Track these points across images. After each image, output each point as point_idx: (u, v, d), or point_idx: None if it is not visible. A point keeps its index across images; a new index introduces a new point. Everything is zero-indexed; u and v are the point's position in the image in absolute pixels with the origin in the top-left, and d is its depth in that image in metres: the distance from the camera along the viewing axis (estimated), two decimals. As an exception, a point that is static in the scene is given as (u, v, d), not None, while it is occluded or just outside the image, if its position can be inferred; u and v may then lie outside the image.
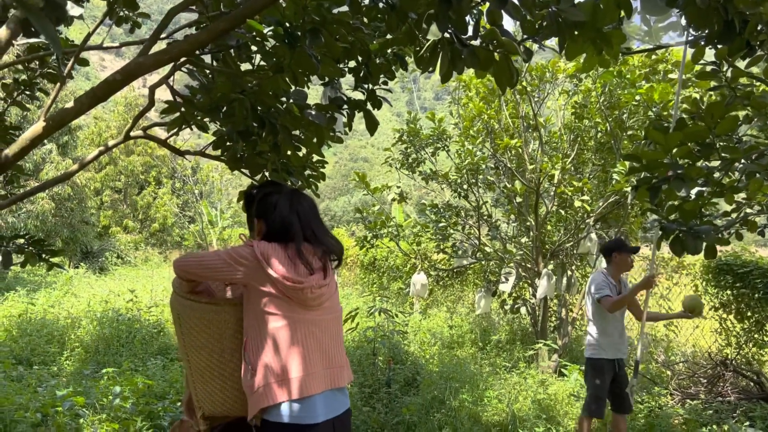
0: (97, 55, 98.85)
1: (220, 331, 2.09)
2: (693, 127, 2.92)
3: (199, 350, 2.13)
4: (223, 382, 2.16)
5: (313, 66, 2.41)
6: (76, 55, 2.81)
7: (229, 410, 2.22)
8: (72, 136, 20.94)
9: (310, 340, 2.14)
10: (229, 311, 2.08)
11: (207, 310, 2.08)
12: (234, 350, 2.12)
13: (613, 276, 4.76)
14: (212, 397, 2.19)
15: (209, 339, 2.10)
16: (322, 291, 2.18)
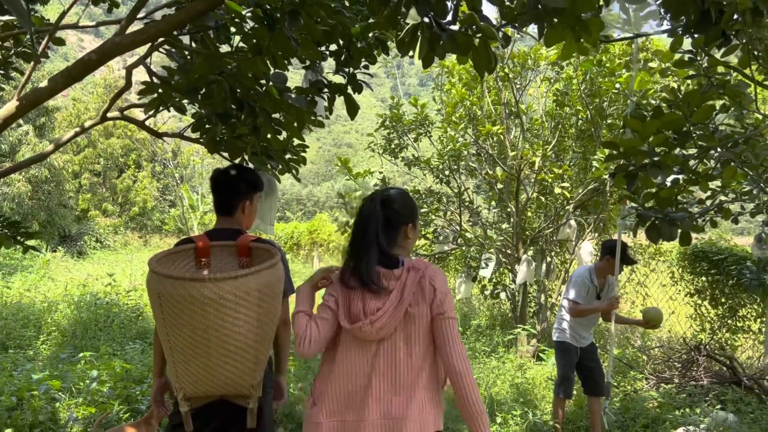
0: (76, 36, 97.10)
1: (203, 308, 2.03)
2: (670, 116, 2.96)
3: (182, 328, 2.08)
4: (207, 360, 2.11)
5: (292, 48, 2.40)
6: (51, 34, 2.76)
7: (210, 389, 2.19)
8: (49, 118, 20.62)
9: None
10: (212, 287, 2.03)
11: (189, 286, 2.04)
12: (219, 328, 2.07)
13: (600, 273, 4.77)
14: (195, 376, 2.16)
15: (192, 316, 2.04)
16: None
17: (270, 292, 2.17)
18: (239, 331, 2.09)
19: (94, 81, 28.71)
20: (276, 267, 2.22)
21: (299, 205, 48.89)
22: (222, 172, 2.67)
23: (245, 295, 2.08)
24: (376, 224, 2.12)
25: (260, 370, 2.25)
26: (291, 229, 16.56)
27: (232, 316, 2.07)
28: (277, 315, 2.30)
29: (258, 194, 2.75)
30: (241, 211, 2.65)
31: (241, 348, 2.13)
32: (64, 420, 4.23)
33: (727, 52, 2.95)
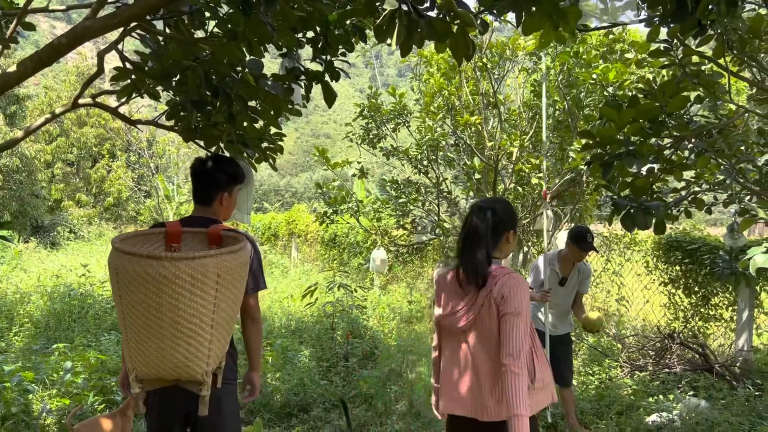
0: (48, 23, 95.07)
1: (158, 286, 1.99)
2: (645, 105, 2.98)
3: (136, 306, 2.04)
4: (159, 341, 2.07)
5: (268, 34, 2.36)
6: (19, 17, 2.69)
7: (162, 372, 2.13)
8: (20, 106, 20.20)
9: None
10: (168, 266, 1.99)
11: (145, 264, 1.99)
12: (173, 308, 2.02)
13: (565, 260, 4.71)
14: (147, 357, 2.11)
15: (147, 294, 2.00)
16: None
17: (229, 277, 2.14)
18: (193, 314, 2.06)
19: (67, 69, 28.15)
20: (238, 253, 2.19)
21: (277, 196, 48.65)
22: (202, 162, 2.66)
23: (202, 276, 2.04)
24: (486, 230, 2.43)
25: (215, 357, 2.20)
26: (269, 220, 16.45)
27: (187, 297, 2.03)
28: (237, 303, 2.26)
29: (238, 186, 2.74)
30: (218, 202, 2.65)
31: (195, 331, 2.08)
32: (37, 412, 4.17)
33: (702, 42, 2.98)
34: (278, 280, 12.17)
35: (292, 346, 6.43)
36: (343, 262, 12.71)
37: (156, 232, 2.39)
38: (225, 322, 2.20)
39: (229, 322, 2.25)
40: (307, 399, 5.13)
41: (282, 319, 8.08)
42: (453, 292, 2.50)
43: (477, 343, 2.41)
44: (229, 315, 2.22)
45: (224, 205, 2.68)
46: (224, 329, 2.21)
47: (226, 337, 2.25)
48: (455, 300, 2.48)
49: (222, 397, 2.43)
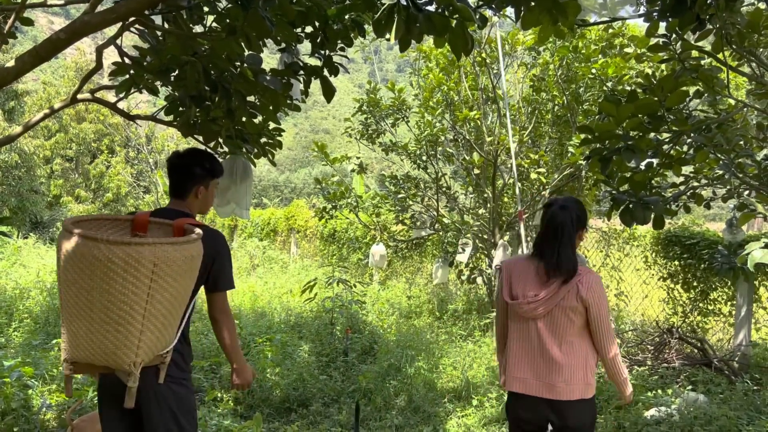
0: (46, 18, 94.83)
1: (91, 268, 1.97)
2: (644, 100, 2.98)
3: (70, 286, 2.02)
4: (89, 324, 2.03)
5: (266, 29, 2.36)
6: (17, 12, 2.68)
7: (91, 356, 2.09)
8: (19, 102, 20.18)
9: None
10: (103, 248, 1.96)
11: (82, 243, 1.97)
12: (104, 292, 1.99)
13: None
14: (77, 339, 2.08)
15: (80, 275, 1.98)
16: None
17: (168, 269, 2.07)
18: (124, 300, 2.02)
19: (65, 64, 28.09)
20: (181, 246, 2.12)
21: (276, 192, 48.63)
22: (178, 156, 2.64)
23: (135, 263, 2.00)
24: (571, 227, 2.64)
25: (146, 350, 2.12)
26: (268, 216, 16.44)
27: (119, 283, 1.99)
28: (180, 298, 2.19)
29: (215, 180, 2.71)
30: (194, 195, 2.62)
31: (125, 319, 2.04)
32: (37, 407, 4.18)
33: (701, 37, 2.98)
34: (277, 276, 12.18)
35: (291, 341, 6.44)
36: (343, 257, 12.71)
37: (123, 218, 2.38)
38: (161, 315, 2.12)
39: (168, 316, 2.16)
40: (306, 394, 5.14)
41: (281, 314, 8.09)
42: (530, 281, 2.68)
43: (547, 329, 2.65)
44: (167, 309, 2.14)
45: (200, 198, 2.65)
46: (160, 322, 2.13)
47: (162, 331, 2.17)
48: (533, 289, 2.65)
49: (165, 393, 2.39)
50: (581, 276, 2.62)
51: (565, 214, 2.63)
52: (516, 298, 2.69)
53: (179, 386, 2.46)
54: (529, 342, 2.70)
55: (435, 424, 4.70)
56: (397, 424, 4.63)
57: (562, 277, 2.60)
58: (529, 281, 2.68)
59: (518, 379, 2.71)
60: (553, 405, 2.64)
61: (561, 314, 2.62)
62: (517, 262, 2.79)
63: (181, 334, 2.45)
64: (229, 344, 2.67)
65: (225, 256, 2.61)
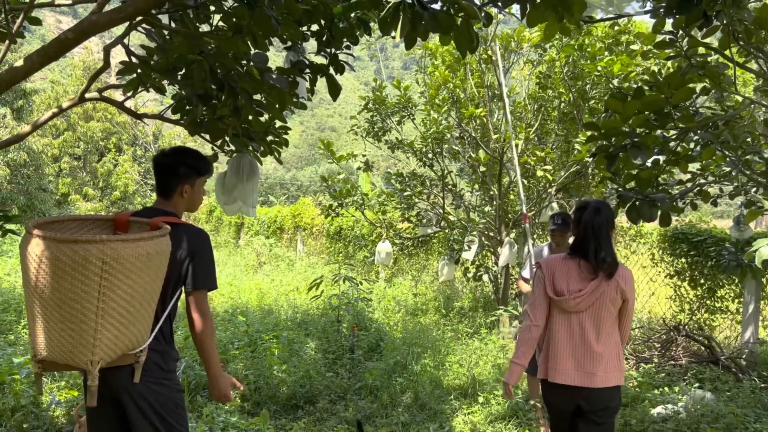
0: (54, 17, 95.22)
1: (42, 266, 1.99)
2: (650, 97, 2.97)
3: (27, 285, 2.06)
4: (45, 322, 2.06)
5: (272, 27, 2.37)
6: (26, 12, 2.70)
7: (51, 354, 2.10)
8: (27, 101, 20.28)
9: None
10: (51, 247, 1.98)
11: (34, 242, 2.01)
12: (55, 290, 2.00)
13: (557, 250, 4.71)
14: (37, 337, 2.11)
15: (34, 273, 2.01)
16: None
17: (119, 266, 2.04)
18: (74, 298, 2.02)
19: (73, 63, 28.22)
20: (135, 243, 2.09)
21: (282, 190, 48.69)
22: (163, 155, 2.62)
23: (83, 261, 1.99)
24: (606, 227, 2.90)
25: (104, 348, 2.09)
26: (274, 214, 16.48)
27: (67, 281, 2.00)
28: (139, 295, 2.14)
29: (202, 179, 2.66)
30: (179, 194, 2.59)
31: (77, 317, 2.03)
32: (46, 403, 4.21)
33: (708, 33, 2.97)
34: (284, 273, 12.21)
35: (298, 339, 6.46)
36: (349, 255, 12.73)
37: (105, 218, 2.39)
38: (118, 314, 2.09)
39: (127, 315, 2.13)
40: (313, 391, 5.16)
41: (288, 311, 8.12)
42: (573, 278, 2.91)
43: (589, 321, 2.90)
44: (125, 307, 2.11)
45: (186, 197, 2.61)
46: (117, 321, 2.10)
47: (122, 330, 2.14)
48: (576, 285, 2.89)
49: (144, 393, 2.36)
50: (619, 270, 2.89)
51: (601, 217, 2.89)
52: (561, 294, 2.90)
53: (160, 386, 2.41)
54: (571, 335, 2.93)
55: (441, 421, 4.71)
56: (404, 421, 4.64)
57: (608, 271, 2.85)
58: (572, 278, 2.91)
59: (561, 371, 2.91)
60: (590, 392, 2.88)
61: (602, 307, 2.87)
62: (556, 261, 3.00)
63: (160, 334, 2.44)
64: (204, 349, 2.54)
65: (204, 255, 2.52)
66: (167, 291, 2.43)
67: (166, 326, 2.48)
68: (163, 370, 2.44)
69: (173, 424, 2.44)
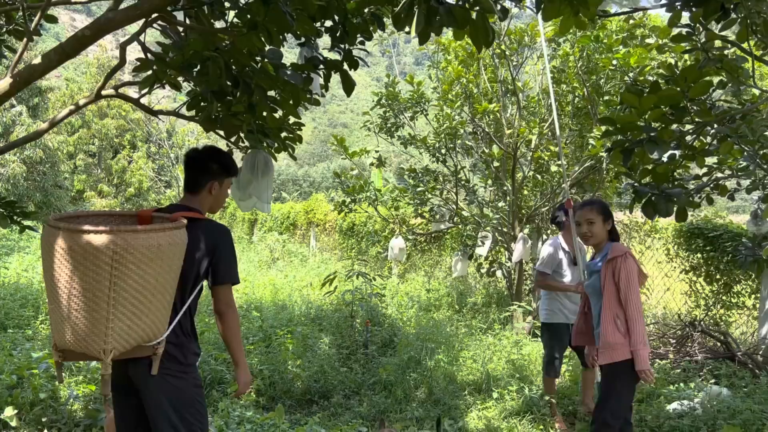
0: (68, 15, 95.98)
1: (55, 256, 2.06)
2: (667, 91, 2.95)
3: (45, 274, 2.14)
4: (63, 312, 2.10)
5: (287, 23, 2.38)
6: (43, 10, 2.73)
7: (68, 343, 2.14)
8: (43, 98, 20.47)
9: None
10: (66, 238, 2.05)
11: (49, 233, 2.09)
12: (69, 279, 2.06)
13: (566, 242, 4.79)
14: (55, 325, 2.17)
15: (51, 263, 2.09)
16: None
17: (130, 257, 2.07)
18: (87, 288, 2.07)
19: (88, 61, 28.42)
20: (147, 234, 2.11)
21: (295, 186, 48.75)
22: (195, 150, 2.67)
23: (95, 251, 2.04)
24: None
25: (116, 338, 2.12)
26: (287, 210, 16.53)
27: (80, 270, 2.05)
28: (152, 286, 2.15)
29: (229, 180, 2.72)
30: (207, 191, 2.63)
31: (90, 306, 2.08)
32: (64, 398, 4.26)
33: (726, 26, 2.94)
34: (297, 269, 12.25)
35: (312, 334, 6.49)
36: (362, 250, 12.75)
37: (128, 214, 2.44)
38: (130, 304, 2.13)
39: (140, 305, 2.16)
40: (327, 386, 5.18)
41: (302, 307, 8.15)
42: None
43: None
44: (137, 297, 2.14)
45: (214, 195, 2.65)
46: (129, 311, 2.13)
47: (135, 320, 2.16)
48: None
49: (162, 386, 2.38)
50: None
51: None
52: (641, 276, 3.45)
53: (177, 379, 2.43)
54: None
55: (455, 417, 4.71)
56: (418, 416, 4.65)
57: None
58: None
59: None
60: None
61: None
62: (625, 247, 3.44)
63: (179, 328, 2.45)
64: (230, 341, 2.60)
65: (225, 250, 2.55)
66: (187, 284, 2.45)
67: (186, 320, 2.50)
68: (182, 364, 2.45)
69: (189, 419, 2.44)
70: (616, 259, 3.33)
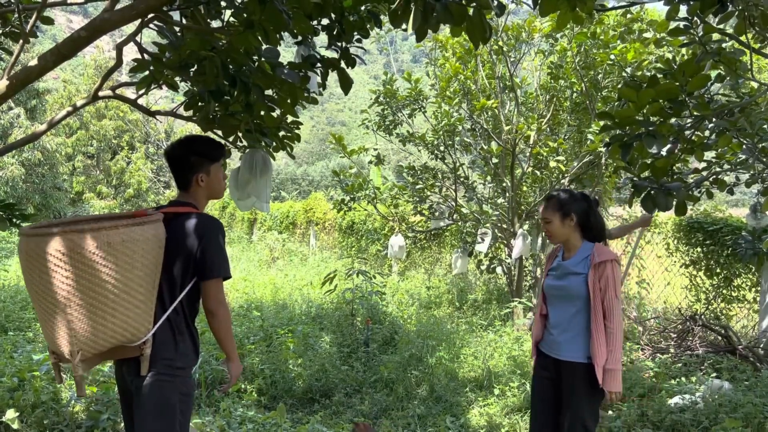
0: (65, 17, 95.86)
1: (23, 260, 2.13)
2: (665, 85, 2.94)
3: (23, 277, 2.21)
4: (39, 313, 2.17)
5: (284, 21, 2.37)
6: (39, 11, 2.72)
7: (50, 344, 2.17)
8: (40, 100, 20.44)
9: None
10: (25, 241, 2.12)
11: (20, 238, 2.16)
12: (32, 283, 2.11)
13: None
14: (41, 325, 2.21)
15: (22, 268, 2.17)
16: None
17: (79, 257, 2.05)
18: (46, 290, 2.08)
19: (85, 62, 28.40)
20: (98, 233, 2.09)
21: (294, 185, 48.76)
22: (172, 147, 2.56)
23: (42, 253, 2.06)
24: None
25: (80, 339, 2.09)
26: (287, 209, 16.52)
27: (37, 273, 2.08)
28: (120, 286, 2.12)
29: (217, 164, 2.57)
30: (196, 184, 2.53)
31: (51, 309, 2.10)
32: (66, 400, 4.26)
33: (723, 19, 2.93)
34: (297, 268, 12.25)
35: (312, 333, 6.49)
36: (361, 249, 12.75)
37: (125, 215, 2.41)
38: (89, 305, 2.09)
39: (99, 305, 2.12)
40: (328, 384, 5.18)
41: (302, 306, 8.15)
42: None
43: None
44: (95, 298, 2.10)
45: (204, 185, 2.54)
46: (90, 311, 2.10)
47: (99, 321, 2.11)
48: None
49: (144, 388, 2.31)
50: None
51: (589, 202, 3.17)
52: None
53: (163, 383, 2.33)
54: None
55: (457, 414, 4.71)
56: (419, 413, 4.65)
57: None
58: None
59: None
60: None
61: None
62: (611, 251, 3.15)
63: (170, 327, 2.37)
64: (222, 338, 2.49)
65: (212, 243, 2.40)
66: (176, 281, 2.38)
67: (179, 319, 2.40)
68: (171, 367, 2.36)
69: (166, 427, 2.33)
70: (605, 264, 2.94)
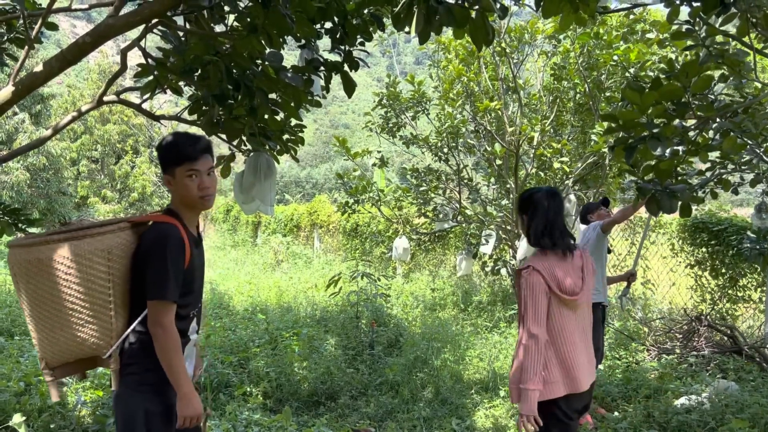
0: (69, 22, 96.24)
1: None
2: (668, 86, 2.94)
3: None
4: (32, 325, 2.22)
5: (287, 26, 2.38)
6: (44, 17, 2.74)
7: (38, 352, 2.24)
8: (45, 105, 20.52)
9: None
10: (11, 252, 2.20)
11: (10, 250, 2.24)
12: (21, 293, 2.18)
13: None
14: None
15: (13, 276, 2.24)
16: None
17: (20, 271, 2.14)
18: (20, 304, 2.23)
19: (89, 67, 28.51)
20: (29, 249, 2.12)
21: (298, 188, 48.84)
22: None
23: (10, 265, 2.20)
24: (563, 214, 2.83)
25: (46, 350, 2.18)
26: (291, 212, 16.55)
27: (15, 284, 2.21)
28: (51, 301, 2.13)
29: (181, 167, 2.26)
30: (169, 187, 2.35)
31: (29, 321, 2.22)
32: (72, 404, 4.27)
33: (726, 21, 2.93)
34: (302, 271, 12.26)
35: (317, 335, 6.49)
36: (366, 251, 12.75)
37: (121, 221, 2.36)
38: (37, 317, 2.17)
39: (43, 318, 2.14)
40: (334, 387, 5.19)
41: (307, 308, 8.16)
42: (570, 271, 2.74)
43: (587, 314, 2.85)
44: (37, 311, 2.15)
45: (176, 189, 2.31)
46: (42, 324, 2.16)
47: (51, 333, 2.14)
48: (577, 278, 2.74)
49: (114, 401, 2.28)
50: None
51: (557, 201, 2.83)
52: (573, 293, 2.65)
53: (129, 396, 2.24)
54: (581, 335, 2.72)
55: (463, 416, 4.71)
56: (425, 416, 4.65)
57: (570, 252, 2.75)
58: (569, 271, 2.69)
59: (584, 375, 2.65)
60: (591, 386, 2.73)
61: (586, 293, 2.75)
62: (547, 256, 2.71)
63: (139, 341, 2.23)
64: (166, 365, 2.19)
65: (152, 259, 2.19)
66: (134, 295, 2.25)
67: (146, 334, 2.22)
68: (139, 383, 2.24)
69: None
70: (520, 273, 2.71)
